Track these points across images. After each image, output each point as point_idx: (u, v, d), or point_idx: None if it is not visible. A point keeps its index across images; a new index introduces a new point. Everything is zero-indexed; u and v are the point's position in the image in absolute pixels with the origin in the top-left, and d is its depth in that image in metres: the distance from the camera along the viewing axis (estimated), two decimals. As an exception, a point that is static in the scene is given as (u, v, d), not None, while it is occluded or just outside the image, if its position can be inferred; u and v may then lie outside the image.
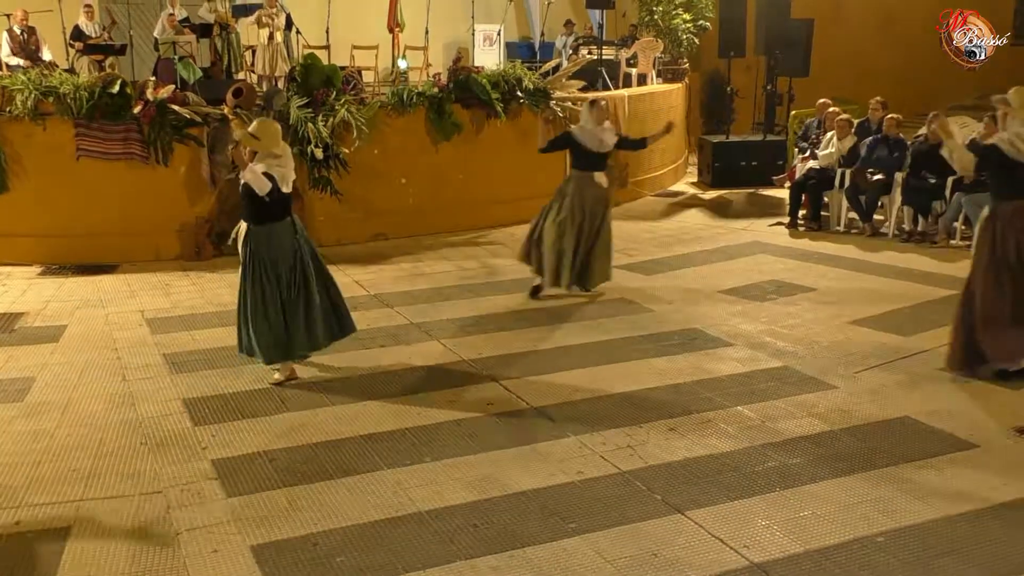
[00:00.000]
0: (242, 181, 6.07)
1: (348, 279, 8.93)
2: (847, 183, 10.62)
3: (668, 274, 9.06)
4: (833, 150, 10.87)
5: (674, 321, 7.54)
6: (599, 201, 8.09)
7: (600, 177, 8.11)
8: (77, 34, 13.09)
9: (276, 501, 4.69)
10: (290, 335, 6.19)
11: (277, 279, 6.12)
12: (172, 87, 10.12)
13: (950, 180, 9.88)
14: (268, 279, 6.09)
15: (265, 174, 5.94)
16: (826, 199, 11.04)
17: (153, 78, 10.99)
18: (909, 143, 10.53)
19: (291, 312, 6.16)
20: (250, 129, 6.02)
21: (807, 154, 11.53)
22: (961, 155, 6.32)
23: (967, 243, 9.63)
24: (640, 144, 8.68)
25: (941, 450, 5.17)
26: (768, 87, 14.46)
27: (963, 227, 9.79)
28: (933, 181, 9.99)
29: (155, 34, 13.59)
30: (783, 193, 11.96)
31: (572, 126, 8.08)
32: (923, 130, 10.67)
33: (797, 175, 11.30)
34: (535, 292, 8.18)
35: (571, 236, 7.95)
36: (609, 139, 8.14)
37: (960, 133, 6.54)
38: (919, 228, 10.21)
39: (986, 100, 7.77)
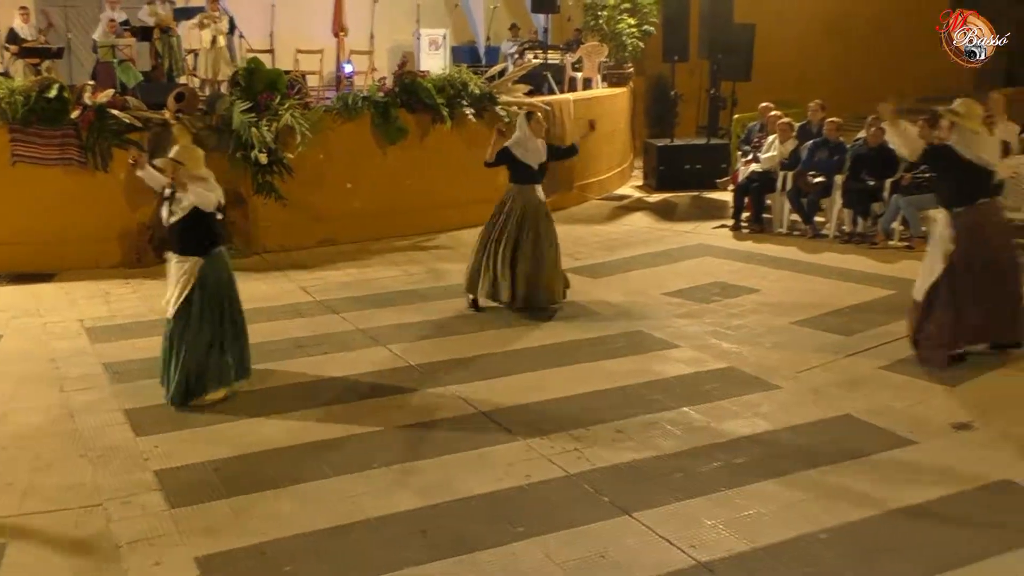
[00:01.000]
0: (172, 219, 5.83)
1: (294, 285, 8.85)
2: (789, 186, 10.78)
3: (614, 277, 9.12)
4: (775, 153, 11.03)
5: (620, 324, 7.59)
6: (540, 214, 7.98)
7: (539, 190, 8.04)
8: (12, 37, 12.81)
9: (221, 511, 4.62)
10: (221, 367, 5.99)
11: (220, 311, 5.98)
12: (111, 91, 9.93)
13: (888, 182, 10.09)
14: (213, 310, 5.92)
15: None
16: (768, 201, 11.20)
17: (92, 82, 10.78)
18: (848, 146, 10.73)
19: (229, 344, 6.03)
20: (172, 154, 5.82)
21: (750, 157, 11.67)
22: (907, 139, 6.46)
23: (905, 243, 9.87)
24: (572, 151, 8.60)
25: (881, 447, 5.27)
26: (711, 91, 14.63)
27: (901, 228, 10.00)
28: (872, 183, 10.20)
29: (94, 37, 13.35)
30: (727, 196, 12.10)
31: (508, 141, 7.95)
32: (862, 133, 10.89)
33: (740, 178, 11.44)
34: (474, 305, 8.06)
35: (507, 249, 7.78)
36: (544, 150, 8.03)
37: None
38: (859, 229, 10.40)
39: (925, 104, 7.96)
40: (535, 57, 14.27)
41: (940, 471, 4.98)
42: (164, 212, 5.90)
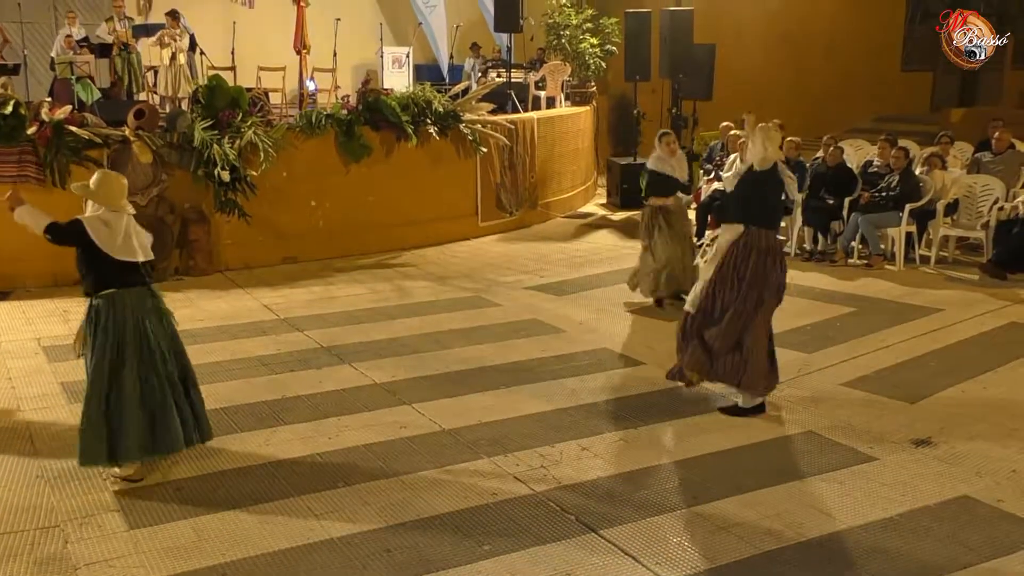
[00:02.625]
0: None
1: (257, 303, 8.77)
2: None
3: (579, 294, 9.15)
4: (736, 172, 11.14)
5: (585, 341, 7.61)
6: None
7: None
8: (-33, 53, 12.64)
9: (182, 532, 4.55)
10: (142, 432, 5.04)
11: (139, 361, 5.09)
12: (69, 108, 9.81)
13: (847, 201, 10.25)
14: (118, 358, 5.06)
15: (75, 220, 5.11)
16: (730, 221, 11.29)
17: (49, 99, 10.64)
18: (808, 165, 10.88)
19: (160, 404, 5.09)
20: (91, 181, 5.24)
21: (712, 176, 11.80)
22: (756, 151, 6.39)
23: (864, 261, 10.01)
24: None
25: (843, 463, 5.32)
26: (673, 110, 14.79)
27: (860, 246, 10.15)
28: (831, 202, 10.35)
29: (51, 54, 13.20)
30: (690, 214, 12.19)
31: (649, 162, 8.73)
32: (820, 152, 11.06)
33: (703, 196, 11.55)
34: (660, 303, 8.58)
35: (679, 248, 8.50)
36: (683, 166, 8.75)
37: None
38: (819, 247, 10.54)
39: (881, 124, 8.12)
40: (499, 76, 14.34)
41: (901, 487, 5.04)
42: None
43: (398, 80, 14.66)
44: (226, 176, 9.56)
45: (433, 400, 6.28)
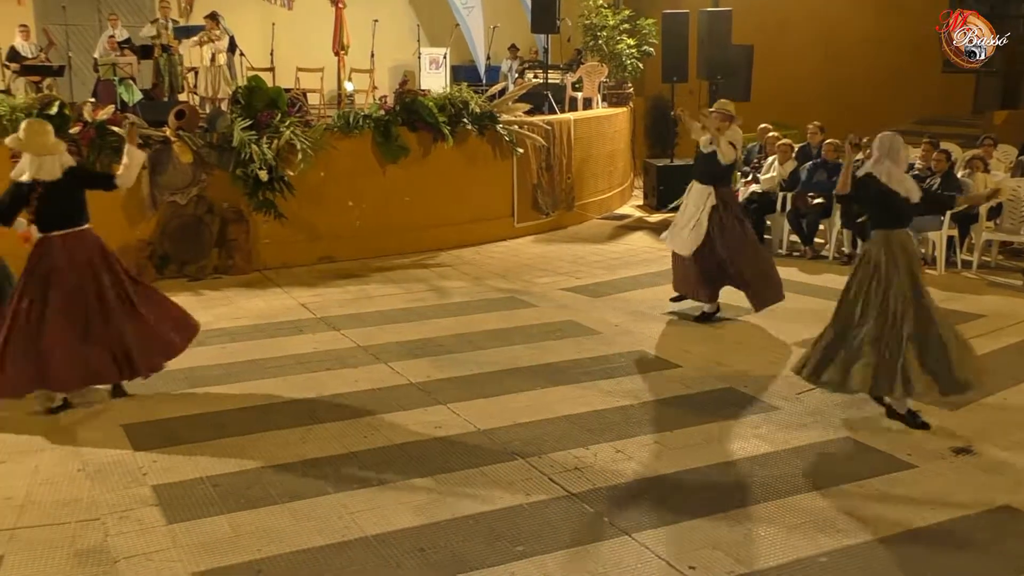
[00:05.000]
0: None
1: (294, 302, 8.85)
2: (788, 207, 10.82)
3: (615, 296, 9.12)
4: (774, 174, 11.08)
5: (620, 343, 7.59)
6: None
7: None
8: (13, 55, 12.87)
9: (219, 527, 4.60)
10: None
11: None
12: (112, 108, 9.96)
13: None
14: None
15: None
16: (768, 222, 11.24)
17: (92, 99, 10.81)
18: (847, 168, 10.75)
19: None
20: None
21: (749, 178, 11.73)
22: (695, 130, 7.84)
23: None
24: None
25: (881, 470, 5.26)
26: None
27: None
28: (871, 205, 10.21)
29: (94, 55, 13.42)
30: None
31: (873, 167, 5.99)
32: (860, 155, 10.93)
33: (740, 199, 11.47)
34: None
35: None
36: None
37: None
38: (858, 251, 10.41)
39: (922, 126, 8.07)
40: (535, 76, 14.34)
41: (940, 495, 4.96)
42: None
43: (435, 81, 14.73)
44: (264, 176, 9.66)
45: (468, 400, 6.29)
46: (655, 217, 13.45)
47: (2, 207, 5.89)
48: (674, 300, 8.48)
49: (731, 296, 8.96)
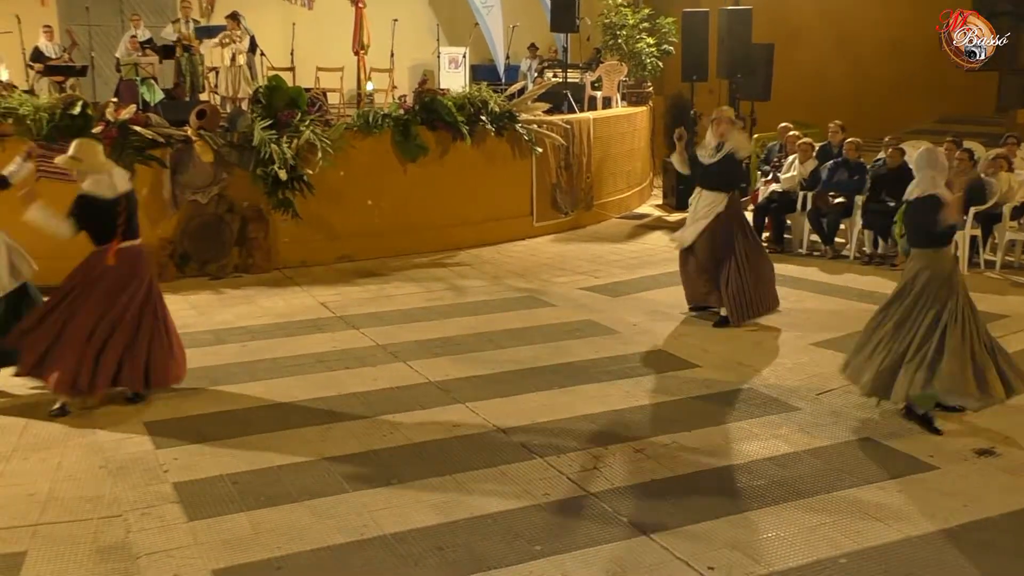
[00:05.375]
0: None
1: (314, 301, 8.88)
2: (809, 206, 10.76)
3: (633, 296, 9.11)
4: (795, 173, 11.02)
5: (640, 343, 7.58)
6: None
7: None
8: (37, 55, 12.99)
9: (239, 524, 4.63)
10: None
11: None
12: (134, 108, 10.03)
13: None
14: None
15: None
16: (789, 222, 11.18)
17: (115, 99, 10.89)
18: (868, 166, 10.71)
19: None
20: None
21: (770, 177, 11.67)
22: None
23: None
24: None
25: (902, 472, 5.23)
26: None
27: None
28: (892, 204, 10.13)
29: (117, 55, 13.52)
30: (747, 216, 12.07)
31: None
32: (882, 154, 10.87)
33: (760, 198, 11.43)
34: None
35: None
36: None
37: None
38: (879, 251, 10.36)
39: (943, 125, 8.02)
40: (555, 76, 14.33)
41: (962, 497, 4.93)
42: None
43: (454, 80, 14.75)
44: (283, 175, 9.70)
45: (487, 399, 6.30)
46: (674, 216, 13.40)
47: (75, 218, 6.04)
48: (693, 310, 8.38)
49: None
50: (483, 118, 11.18)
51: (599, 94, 14.77)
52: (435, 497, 4.92)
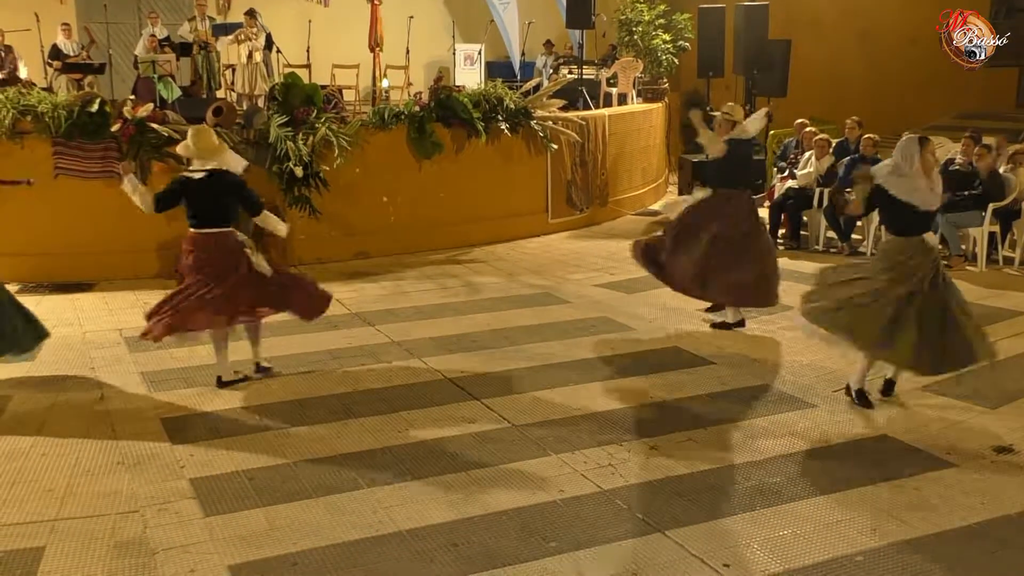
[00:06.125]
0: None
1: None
2: (825, 203, 10.71)
3: (649, 292, 9.08)
4: (811, 170, 10.97)
5: (655, 339, 7.56)
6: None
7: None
8: (55, 53, 13.06)
9: (255, 520, 4.65)
10: None
11: None
12: (151, 105, 10.08)
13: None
14: None
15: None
16: (805, 218, 11.13)
17: (132, 97, 10.95)
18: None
19: None
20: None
21: (786, 174, 11.62)
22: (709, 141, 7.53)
23: (944, 262, 9.71)
24: None
25: (920, 469, 5.19)
26: (747, 107, 14.57)
27: (940, 247, 9.85)
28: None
29: (135, 53, 13.59)
30: (763, 212, 12.01)
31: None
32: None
33: (776, 195, 11.38)
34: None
35: None
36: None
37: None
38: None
39: (963, 121, 7.95)
40: (570, 72, 14.31)
41: (980, 495, 4.89)
42: None
43: (470, 77, 14.75)
44: (299, 172, 9.73)
45: (501, 396, 6.30)
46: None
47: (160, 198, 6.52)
48: (710, 311, 8.17)
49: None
50: (498, 115, 11.18)
51: (614, 91, 14.74)
52: (449, 493, 4.93)
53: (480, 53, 15.48)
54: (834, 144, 11.20)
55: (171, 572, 4.18)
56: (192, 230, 6.42)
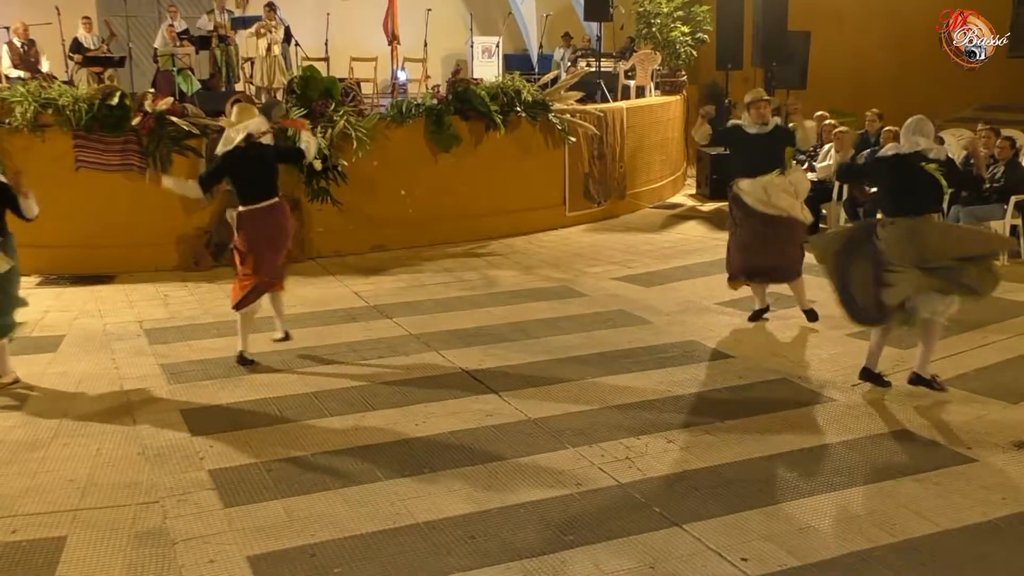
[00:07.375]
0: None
1: (347, 290, 8.93)
2: (845, 195, 10.63)
3: (667, 286, 9.06)
4: (831, 163, 10.89)
5: (673, 333, 7.54)
6: None
7: None
8: (76, 46, 13.14)
9: (273, 511, 4.68)
10: None
11: None
12: (171, 99, 10.13)
13: (948, 192, 9.88)
14: None
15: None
16: (824, 211, 11.06)
17: (152, 90, 11.01)
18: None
19: None
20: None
21: (805, 166, 11.54)
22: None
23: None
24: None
25: (939, 464, 5.16)
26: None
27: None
28: (931, 194, 9.99)
29: (155, 46, 13.65)
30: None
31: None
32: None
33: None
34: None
35: None
36: None
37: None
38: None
39: (984, 113, 7.88)
40: (588, 65, 14.27)
41: (1001, 490, 4.85)
42: None
43: (488, 70, 14.73)
44: (318, 165, 9.75)
45: (519, 389, 6.31)
46: (708, 206, 13.32)
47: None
48: (752, 319, 7.84)
49: (786, 286, 8.87)
50: (516, 108, 11.17)
51: (632, 83, 14.68)
52: (467, 486, 4.94)
53: (498, 46, 15.44)
54: (855, 136, 11.11)
55: (190, 562, 4.22)
56: (243, 207, 6.78)
